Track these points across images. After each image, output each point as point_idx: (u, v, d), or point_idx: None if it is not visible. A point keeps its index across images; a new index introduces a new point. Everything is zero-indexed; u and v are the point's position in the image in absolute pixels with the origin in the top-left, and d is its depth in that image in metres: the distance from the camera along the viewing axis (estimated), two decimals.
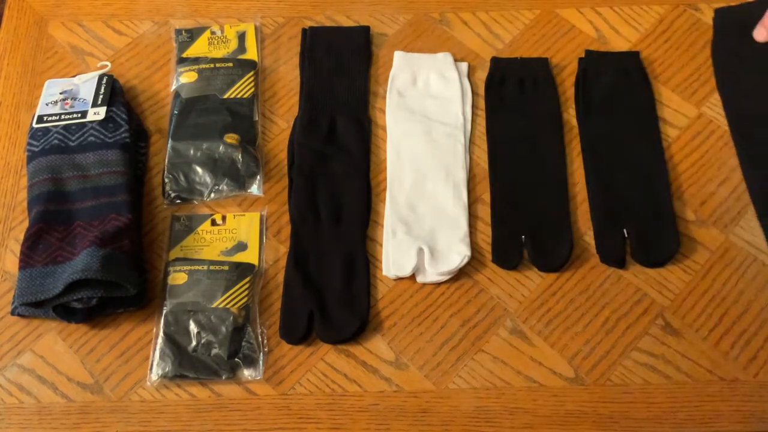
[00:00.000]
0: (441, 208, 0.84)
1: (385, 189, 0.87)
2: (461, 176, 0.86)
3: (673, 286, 0.81)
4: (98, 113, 0.86)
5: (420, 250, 0.80)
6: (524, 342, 0.79)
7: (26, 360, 0.78)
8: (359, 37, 0.95)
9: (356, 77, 0.93)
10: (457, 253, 0.80)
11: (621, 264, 0.82)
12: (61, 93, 0.88)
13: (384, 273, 0.81)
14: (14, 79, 0.94)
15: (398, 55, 0.94)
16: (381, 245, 0.83)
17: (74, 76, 0.90)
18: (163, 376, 0.76)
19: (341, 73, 0.93)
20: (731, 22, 0.94)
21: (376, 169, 0.88)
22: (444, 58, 0.93)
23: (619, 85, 0.92)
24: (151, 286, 0.81)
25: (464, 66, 0.94)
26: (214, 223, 0.84)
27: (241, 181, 0.86)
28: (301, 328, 0.78)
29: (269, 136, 0.90)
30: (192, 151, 0.86)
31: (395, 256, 0.81)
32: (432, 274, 0.80)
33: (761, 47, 0.84)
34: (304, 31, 0.96)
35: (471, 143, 0.89)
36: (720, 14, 0.95)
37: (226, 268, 0.80)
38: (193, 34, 0.95)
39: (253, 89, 0.91)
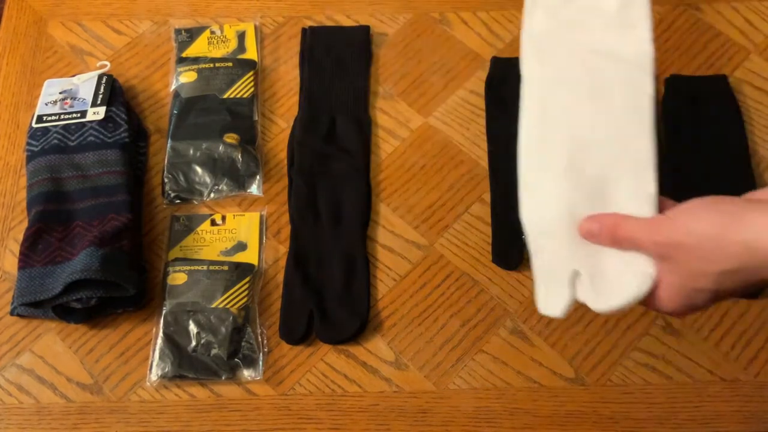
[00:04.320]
0: (611, 203, 0.54)
1: (385, 189, 0.87)
2: (647, 151, 0.54)
3: None
4: (98, 113, 0.86)
5: (574, 275, 0.54)
6: (524, 342, 0.78)
7: (25, 360, 0.77)
8: (359, 37, 0.95)
9: (356, 77, 0.93)
10: (633, 275, 0.52)
11: None
12: (60, 93, 0.88)
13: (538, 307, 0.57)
14: (13, 79, 0.94)
15: None
16: (381, 245, 0.83)
17: (74, 76, 0.90)
18: (163, 377, 0.75)
19: (341, 73, 0.93)
20: (681, 89, 0.92)
21: (377, 169, 0.88)
22: None
23: None
24: (151, 286, 0.81)
25: None
26: (213, 223, 0.84)
27: (240, 181, 0.86)
28: (300, 329, 0.78)
29: (269, 136, 0.90)
30: (191, 151, 0.86)
31: (541, 286, 0.56)
32: (599, 309, 0.54)
33: (704, 118, 0.86)
34: (303, 30, 0.96)
35: (471, 143, 0.89)
36: (672, 80, 0.93)
37: (226, 268, 0.80)
38: (192, 34, 0.95)
39: (252, 89, 0.91)
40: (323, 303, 0.79)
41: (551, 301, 0.54)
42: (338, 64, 0.93)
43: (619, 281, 0.52)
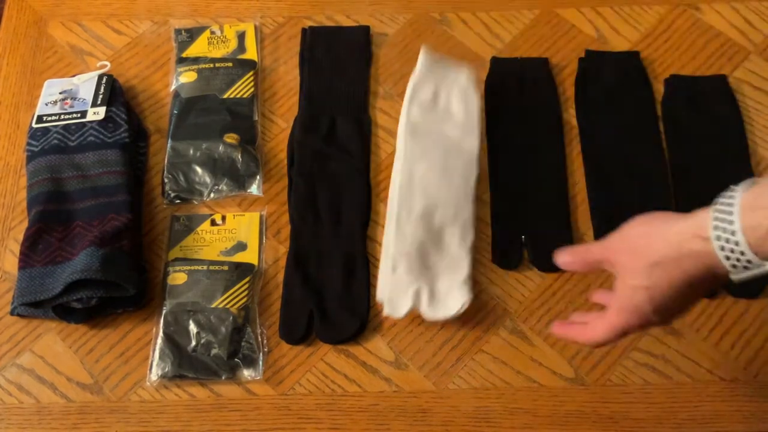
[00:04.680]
0: (445, 247, 0.79)
1: (385, 189, 0.86)
2: (469, 214, 0.81)
3: None
4: (98, 113, 0.86)
5: (418, 291, 0.76)
6: (524, 342, 0.78)
7: (26, 360, 0.77)
8: (359, 37, 0.95)
9: (356, 77, 0.93)
10: (455, 298, 0.76)
11: None
12: (60, 93, 0.88)
13: (378, 299, 0.78)
14: (14, 79, 0.94)
15: (423, 58, 0.87)
16: (381, 245, 0.83)
17: (74, 76, 0.90)
18: (163, 377, 0.75)
19: (341, 73, 0.93)
20: (681, 89, 0.92)
21: (377, 169, 0.88)
22: (467, 79, 0.87)
23: (619, 85, 0.92)
24: (151, 286, 0.81)
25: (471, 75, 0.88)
26: (213, 223, 0.84)
27: (240, 181, 0.86)
28: (300, 329, 0.78)
29: (269, 135, 0.90)
30: (192, 151, 0.86)
31: (392, 294, 0.77)
32: (429, 317, 0.77)
33: (702, 116, 0.89)
34: (303, 30, 0.96)
35: None
36: (672, 80, 0.93)
37: (226, 268, 0.80)
38: (192, 34, 0.95)
39: (252, 89, 0.91)
40: (323, 303, 0.79)
41: (397, 306, 0.76)
42: (338, 64, 0.94)
43: (445, 300, 0.76)
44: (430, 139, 0.84)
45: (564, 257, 0.66)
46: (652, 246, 0.57)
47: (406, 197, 0.81)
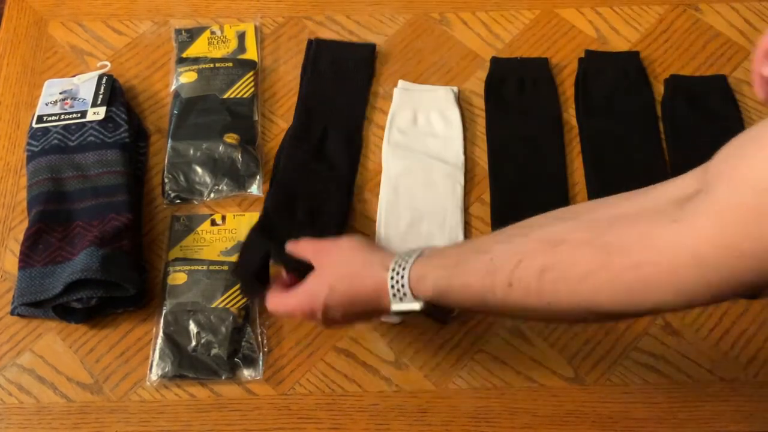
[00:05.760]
0: None
1: (375, 196, 0.86)
2: (458, 218, 0.84)
3: None
4: (98, 113, 0.86)
5: None
6: (524, 342, 0.78)
7: (26, 360, 0.78)
8: (364, 54, 0.94)
9: (356, 93, 0.92)
10: None
11: None
12: (60, 93, 0.88)
13: None
14: (14, 79, 0.94)
15: (398, 92, 0.91)
16: None
17: (74, 76, 0.90)
18: (163, 376, 0.75)
19: (341, 88, 0.92)
20: (681, 89, 0.92)
21: (375, 169, 0.88)
22: (445, 95, 0.91)
23: (619, 85, 0.92)
24: (151, 286, 0.81)
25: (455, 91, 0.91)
26: (213, 223, 0.84)
27: (240, 181, 0.86)
28: (254, 264, 0.76)
29: (269, 136, 0.90)
30: (192, 151, 0.86)
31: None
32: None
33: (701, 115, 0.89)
34: (309, 42, 0.95)
35: (471, 143, 0.90)
36: (672, 80, 0.93)
37: (226, 267, 0.80)
38: (192, 34, 0.95)
39: (252, 89, 0.91)
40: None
41: None
42: (340, 78, 0.92)
43: None
44: (412, 155, 0.87)
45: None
46: (352, 261, 0.68)
47: (392, 212, 0.84)
